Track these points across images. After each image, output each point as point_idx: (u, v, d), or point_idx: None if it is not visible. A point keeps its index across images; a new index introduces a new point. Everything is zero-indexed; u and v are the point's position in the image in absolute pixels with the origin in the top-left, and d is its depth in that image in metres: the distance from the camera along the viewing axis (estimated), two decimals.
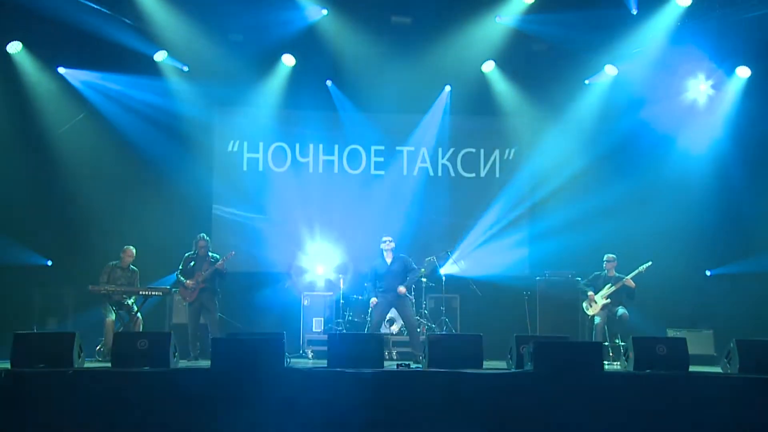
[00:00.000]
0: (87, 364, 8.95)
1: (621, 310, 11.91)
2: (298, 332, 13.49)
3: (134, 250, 12.11)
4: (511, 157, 15.44)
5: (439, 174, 15.40)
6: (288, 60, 14.36)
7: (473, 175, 15.44)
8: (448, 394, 8.28)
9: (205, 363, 10.63)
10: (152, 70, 14.02)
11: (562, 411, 8.12)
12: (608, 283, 12.21)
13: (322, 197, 15.04)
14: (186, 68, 14.13)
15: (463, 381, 8.33)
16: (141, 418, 8.03)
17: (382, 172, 15.29)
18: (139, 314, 11.45)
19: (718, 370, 9.60)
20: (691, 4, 12.26)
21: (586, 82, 14.53)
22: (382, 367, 8.75)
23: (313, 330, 13.43)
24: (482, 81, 14.76)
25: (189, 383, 8.27)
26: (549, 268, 14.07)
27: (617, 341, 11.91)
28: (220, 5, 13.21)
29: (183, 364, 9.79)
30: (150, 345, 8.52)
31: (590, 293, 12.24)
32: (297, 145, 15.20)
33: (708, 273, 14.19)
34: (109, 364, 10.09)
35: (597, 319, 12.01)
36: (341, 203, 14.99)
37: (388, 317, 12.60)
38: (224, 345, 8.34)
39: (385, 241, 11.99)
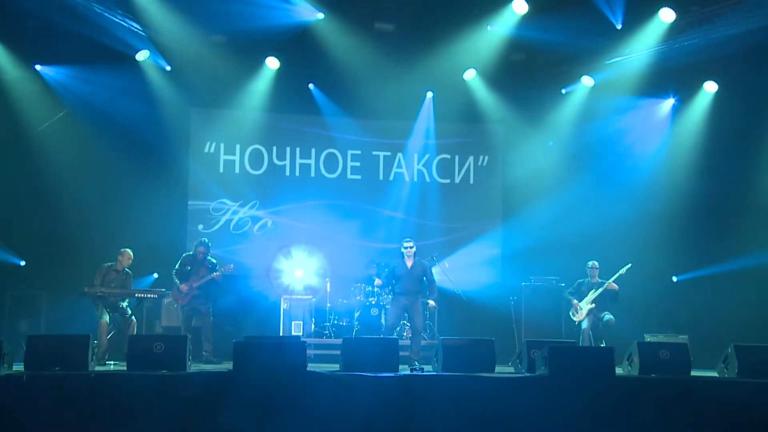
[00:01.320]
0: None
1: (607, 316, 12.17)
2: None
3: (132, 253, 11.86)
4: (484, 164, 15.65)
5: (415, 179, 15.53)
6: (272, 63, 14.28)
7: (448, 180, 15.61)
8: (464, 398, 8.39)
9: (200, 366, 10.57)
10: (133, 69, 13.75)
11: (577, 414, 8.30)
12: (592, 289, 12.46)
13: (299, 200, 15.01)
14: (169, 67, 13.93)
15: (479, 384, 8.46)
16: (163, 421, 7.96)
17: (358, 177, 15.35)
18: (133, 317, 11.27)
19: (710, 374, 9.85)
20: (675, 20, 12.57)
21: (563, 91, 14.83)
22: (397, 371, 8.80)
23: (293, 334, 13.37)
24: (459, 89, 14.88)
25: (209, 386, 8.21)
26: (521, 274, 14.35)
27: (602, 345, 12.15)
28: (205, 6, 13.07)
29: None
30: (166, 348, 8.42)
31: (574, 301, 12.49)
32: (274, 148, 15.17)
33: (674, 279, 14.60)
34: (103, 367, 10.02)
35: (584, 324, 12.26)
36: (318, 207, 15.00)
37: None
38: (246, 348, 8.27)
39: (406, 247, 11.80)
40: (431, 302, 11.94)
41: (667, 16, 12.52)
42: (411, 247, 11.79)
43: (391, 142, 15.42)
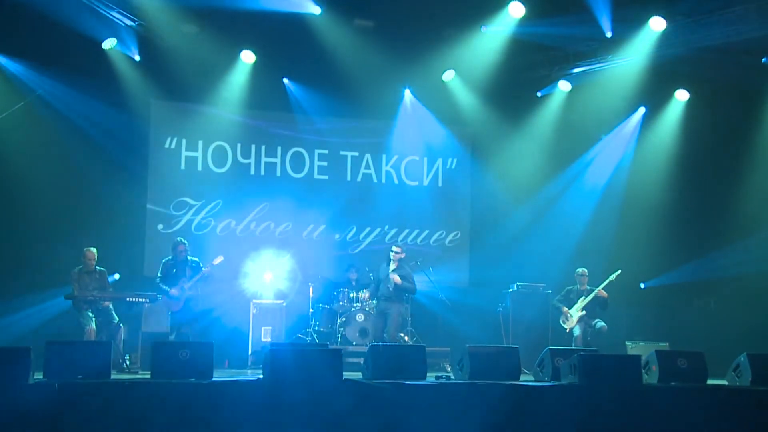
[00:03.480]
0: None
1: (599, 323, 12.69)
2: (245, 342, 13.42)
3: (95, 251, 11.74)
4: (453, 167, 16.01)
5: (383, 180, 15.76)
6: (247, 57, 14.29)
7: (416, 183, 15.90)
8: (495, 406, 8.69)
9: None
10: (98, 57, 13.54)
11: (608, 422, 8.73)
12: (581, 296, 12.96)
13: (265, 200, 15.02)
14: (138, 57, 13.76)
15: (511, 392, 8.76)
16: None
17: (325, 177, 15.47)
18: (120, 323, 11.18)
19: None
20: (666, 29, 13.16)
21: (538, 94, 15.32)
22: (425, 379, 9.04)
23: (262, 340, 13.40)
24: (433, 89, 15.23)
25: (239, 395, 8.26)
26: (489, 280, 14.82)
27: None
28: None
29: None
30: (192, 355, 8.42)
31: (564, 308, 12.97)
32: (238, 145, 15.10)
33: (642, 285, 15.25)
34: None
35: (576, 332, 12.76)
36: (283, 207, 15.03)
37: None
38: (279, 356, 8.35)
39: (393, 251, 12.40)
40: (395, 276, 12.14)
41: (657, 24, 13.08)
42: (397, 253, 12.23)
43: (359, 141, 15.62)
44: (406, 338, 13.14)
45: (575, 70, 14.65)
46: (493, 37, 14.05)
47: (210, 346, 8.63)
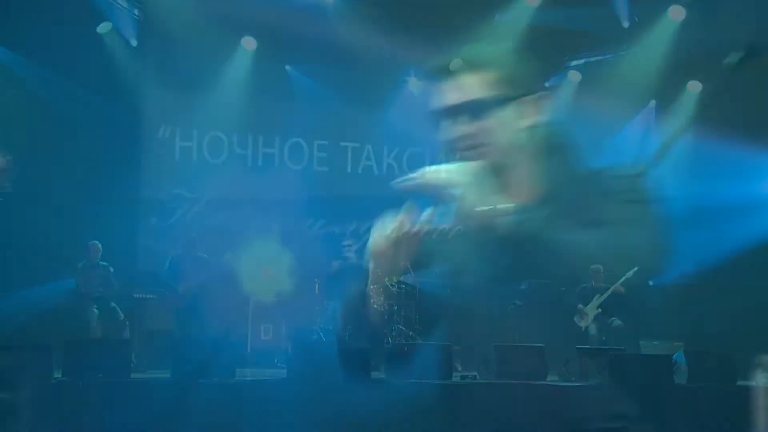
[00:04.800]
0: None
1: (616, 322, 12.88)
2: (243, 340, 13.45)
3: (100, 245, 11.79)
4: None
5: (385, 173, 15.87)
6: (249, 43, 14.33)
7: None
8: (523, 407, 8.84)
9: None
10: (91, 42, 13.53)
11: (639, 424, 8.91)
12: (596, 294, 13.13)
13: (263, 193, 15.03)
14: (135, 42, 13.76)
15: (542, 393, 8.94)
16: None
17: (325, 169, 15.55)
18: (126, 320, 11.25)
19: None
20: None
21: (546, 85, 15.46)
22: (450, 378, 9.19)
23: (262, 337, 13.51)
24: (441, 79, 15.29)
25: (263, 394, 8.37)
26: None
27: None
28: None
29: None
30: (213, 353, 8.51)
31: (579, 306, 13.14)
32: (235, 135, 15.14)
33: (650, 283, 15.42)
34: None
35: (592, 330, 12.93)
36: (283, 201, 15.06)
37: None
38: (305, 353, 8.47)
39: (345, 245, 12.32)
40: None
41: (676, 14, 13.26)
42: (351, 245, 12.12)
43: (360, 132, 15.73)
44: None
45: (586, 61, 14.77)
46: (503, 26, 14.14)
47: (232, 344, 8.71)
